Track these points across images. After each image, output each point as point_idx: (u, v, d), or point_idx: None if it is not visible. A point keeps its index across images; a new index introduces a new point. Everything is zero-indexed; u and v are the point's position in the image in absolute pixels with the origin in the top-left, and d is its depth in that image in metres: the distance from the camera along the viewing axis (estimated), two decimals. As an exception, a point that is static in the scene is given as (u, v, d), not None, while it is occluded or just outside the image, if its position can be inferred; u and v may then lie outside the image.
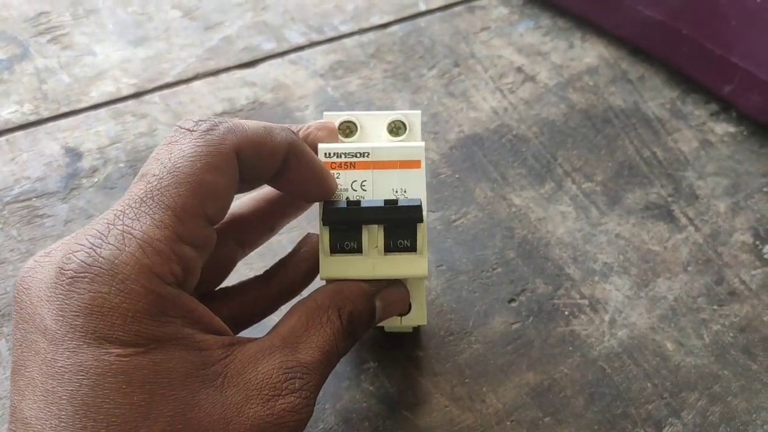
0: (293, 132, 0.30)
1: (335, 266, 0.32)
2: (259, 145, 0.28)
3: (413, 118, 0.34)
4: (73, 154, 0.44)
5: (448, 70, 0.51)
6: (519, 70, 0.51)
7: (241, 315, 0.34)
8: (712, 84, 0.51)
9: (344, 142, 0.34)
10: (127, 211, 0.26)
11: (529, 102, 0.50)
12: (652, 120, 0.50)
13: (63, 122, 0.46)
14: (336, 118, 0.34)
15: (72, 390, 0.24)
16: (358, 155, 0.32)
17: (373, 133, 0.34)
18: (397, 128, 0.34)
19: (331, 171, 0.32)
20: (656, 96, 0.51)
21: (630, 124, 0.49)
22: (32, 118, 0.46)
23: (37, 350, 0.25)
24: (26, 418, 0.24)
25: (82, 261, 0.25)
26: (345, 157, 0.32)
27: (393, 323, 0.34)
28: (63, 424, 0.24)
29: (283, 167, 0.29)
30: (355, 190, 0.32)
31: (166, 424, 0.24)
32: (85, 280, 0.25)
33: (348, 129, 0.34)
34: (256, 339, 0.28)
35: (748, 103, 0.49)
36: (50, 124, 0.45)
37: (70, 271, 0.25)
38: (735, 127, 0.50)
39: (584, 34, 0.54)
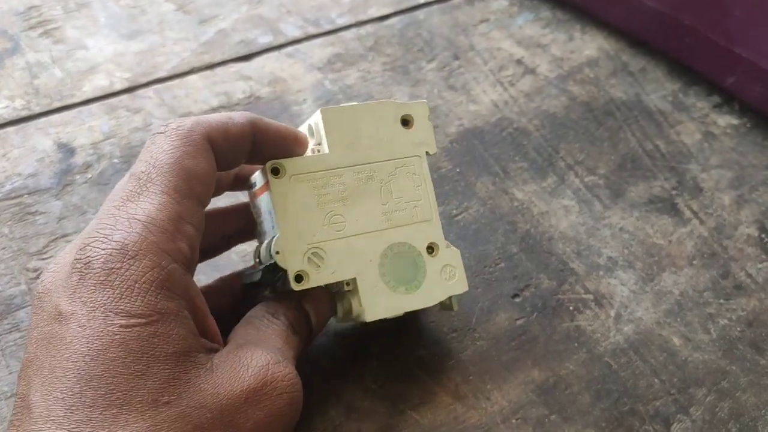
0: (250, 113, 0.33)
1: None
2: (224, 130, 0.31)
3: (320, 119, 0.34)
4: (66, 149, 0.43)
5: (447, 62, 0.50)
6: (519, 62, 0.51)
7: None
8: (715, 75, 0.50)
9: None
10: (127, 204, 0.28)
11: (530, 95, 0.49)
12: (654, 112, 0.49)
13: (55, 117, 0.45)
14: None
15: (76, 361, 0.25)
16: (253, 185, 0.35)
17: None
18: (311, 133, 0.34)
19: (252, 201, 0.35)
20: (658, 88, 0.50)
21: (632, 116, 0.49)
22: (24, 113, 0.45)
23: (49, 338, 0.26)
24: (30, 404, 0.25)
25: (96, 247, 0.27)
26: (253, 188, 0.35)
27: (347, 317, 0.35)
28: (63, 396, 0.25)
29: (255, 143, 0.32)
30: (259, 215, 0.35)
31: (158, 393, 0.26)
32: (100, 260, 0.27)
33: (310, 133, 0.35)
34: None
35: (751, 94, 0.49)
36: (42, 120, 0.44)
37: (86, 257, 0.27)
38: (738, 119, 0.49)
39: (584, 26, 0.53)
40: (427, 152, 0.35)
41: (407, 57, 0.50)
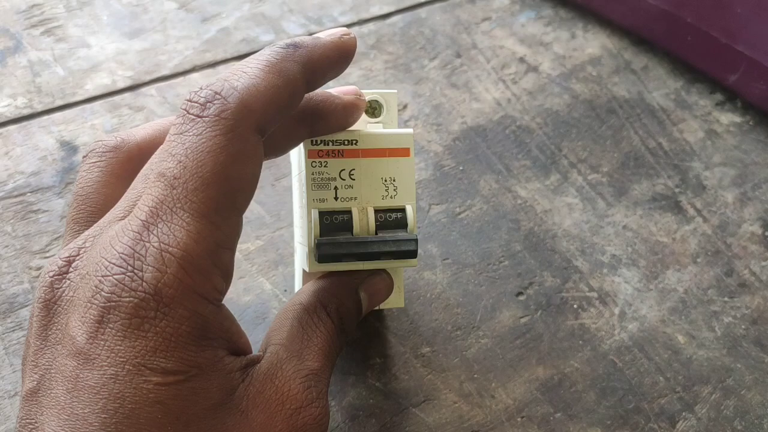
0: (293, 45, 0.27)
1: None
2: (276, 100, 0.26)
3: (389, 97, 0.34)
4: (69, 147, 0.43)
5: (449, 60, 0.50)
6: (521, 60, 0.50)
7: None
8: (717, 73, 0.50)
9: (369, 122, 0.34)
10: (158, 224, 0.24)
11: (532, 93, 0.49)
12: (656, 110, 0.49)
13: (58, 115, 0.45)
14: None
15: (106, 417, 0.23)
16: (346, 143, 0.31)
17: None
18: (373, 108, 0.33)
19: (318, 159, 0.31)
20: (660, 86, 0.50)
21: (635, 114, 0.49)
22: (26, 111, 0.45)
23: (70, 377, 0.24)
24: None
25: (125, 285, 0.24)
26: (333, 144, 0.31)
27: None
28: None
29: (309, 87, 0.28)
30: (344, 179, 0.31)
31: None
32: (130, 305, 0.23)
33: (372, 108, 0.34)
34: (263, 355, 0.28)
35: (753, 92, 0.49)
36: (44, 118, 0.44)
37: (113, 295, 0.24)
38: (741, 117, 0.49)
39: (586, 24, 0.53)
40: None
41: (409, 55, 0.50)
